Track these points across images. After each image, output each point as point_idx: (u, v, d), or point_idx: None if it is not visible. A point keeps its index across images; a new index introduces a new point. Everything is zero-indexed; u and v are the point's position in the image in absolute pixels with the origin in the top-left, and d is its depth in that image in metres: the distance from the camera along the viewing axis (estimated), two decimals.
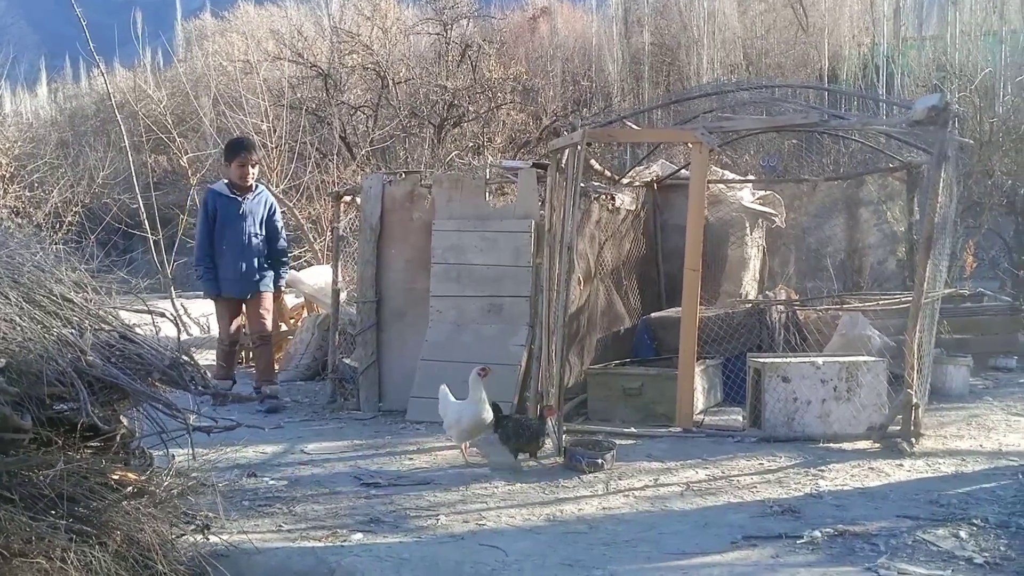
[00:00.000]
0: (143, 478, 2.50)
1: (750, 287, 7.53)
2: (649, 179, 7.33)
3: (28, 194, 12.55)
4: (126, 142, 11.40)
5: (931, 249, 4.64)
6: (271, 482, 4.29)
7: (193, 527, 2.78)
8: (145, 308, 2.72)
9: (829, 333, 6.84)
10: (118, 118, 11.55)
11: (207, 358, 8.97)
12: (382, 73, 14.86)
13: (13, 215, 12.08)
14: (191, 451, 2.67)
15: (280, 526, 3.54)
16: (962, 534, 3.34)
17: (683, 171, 7.50)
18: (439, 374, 5.74)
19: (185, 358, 2.61)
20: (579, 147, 4.59)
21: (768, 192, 7.70)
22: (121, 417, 2.55)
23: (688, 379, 5.02)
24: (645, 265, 7.51)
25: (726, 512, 3.74)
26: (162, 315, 2.74)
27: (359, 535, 3.43)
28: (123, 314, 2.68)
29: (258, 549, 3.02)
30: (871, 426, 4.85)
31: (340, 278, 6.71)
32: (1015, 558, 3.09)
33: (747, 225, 7.47)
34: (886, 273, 7.16)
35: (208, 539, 2.87)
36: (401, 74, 15.53)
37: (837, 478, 4.23)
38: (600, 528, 3.58)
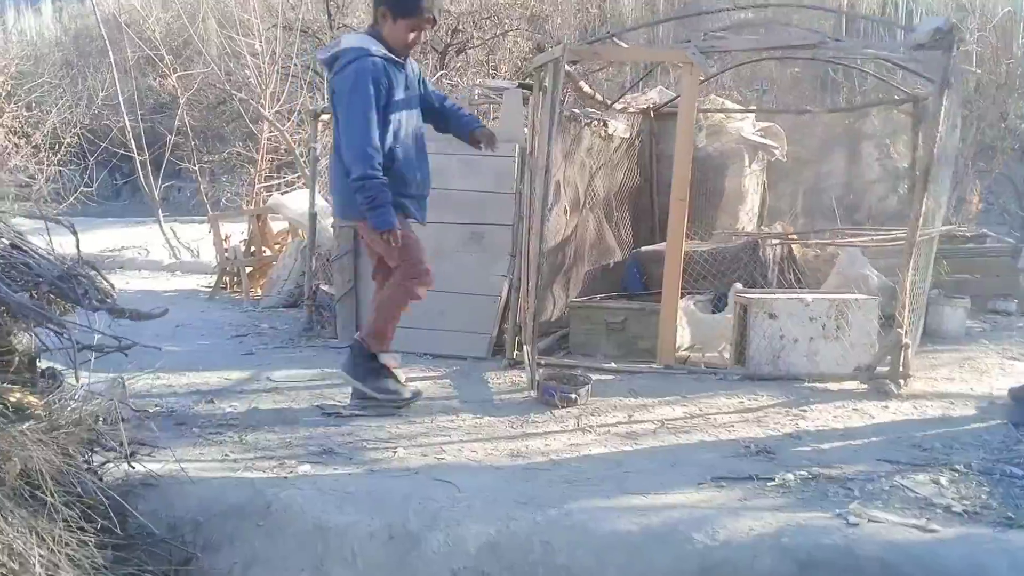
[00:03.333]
0: (42, 402, 2.33)
1: (747, 222, 7.27)
2: (645, 106, 7.02)
3: (26, 113, 12.29)
4: (114, 62, 11.05)
5: (928, 183, 4.38)
6: (227, 409, 4.13)
7: (116, 455, 2.62)
8: (39, 214, 2.50)
9: (827, 271, 6.62)
10: (104, 36, 11.18)
11: (199, 283, 8.83)
12: None
13: (10, 134, 11.87)
14: (75, 371, 2.47)
15: (226, 455, 3.38)
16: (943, 480, 3.16)
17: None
18: (416, 304, 5.55)
19: (81, 270, 2.40)
20: (560, 63, 4.30)
21: (770, 124, 7.38)
22: (18, 333, 2.36)
23: (671, 314, 4.81)
24: (639, 196, 7.25)
25: (697, 451, 3.57)
26: (57, 222, 2.52)
27: (307, 466, 3.27)
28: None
29: (192, 479, 2.86)
30: (858, 366, 4.65)
31: (320, 202, 6.48)
32: (995, 507, 2.92)
33: (746, 157, 7.17)
34: (887, 210, 6.89)
35: (133, 467, 2.72)
36: None
37: (819, 419, 4.05)
38: (564, 465, 3.41)
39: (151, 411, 3.87)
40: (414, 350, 5.40)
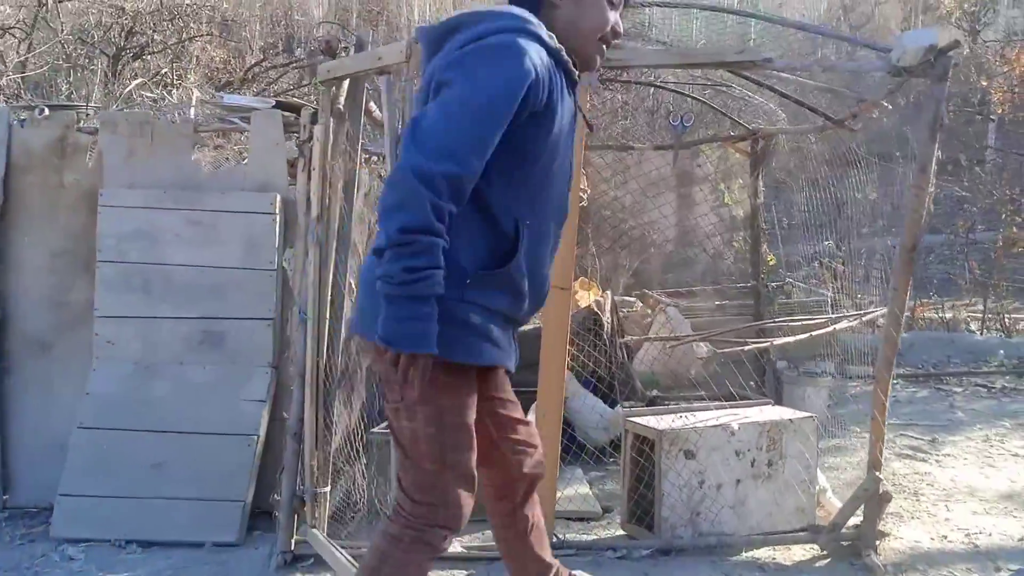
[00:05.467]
0: None
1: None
2: None
3: None
4: None
5: (915, 259, 3.10)
6: None
7: None
8: None
9: (637, 334, 5.43)
10: None
11: None
12: None
13: None
14: None
15: None
16: None
17: None
18: (110, 450, 3.37)
19: None
20: (406, 72, 2.45)
21: None
22: None
23: (553, 468, 3.10)
24: None
25: None
26: None
27: None
28: None
29: None
30: (814, 525, 3.26)
31: None
32: None
33: None
34: (721, 268, 5.74)
35: None
36: None
37: None
38: None
39: None
40: (106, 536, 3.24)
